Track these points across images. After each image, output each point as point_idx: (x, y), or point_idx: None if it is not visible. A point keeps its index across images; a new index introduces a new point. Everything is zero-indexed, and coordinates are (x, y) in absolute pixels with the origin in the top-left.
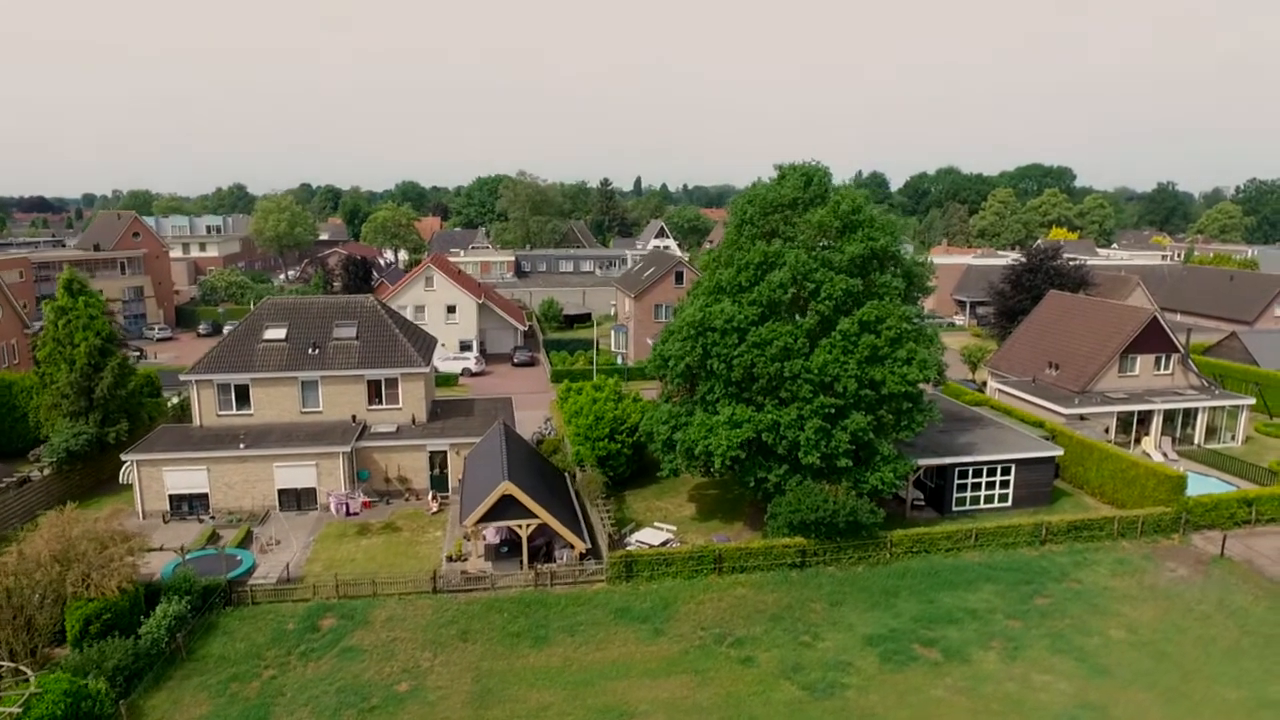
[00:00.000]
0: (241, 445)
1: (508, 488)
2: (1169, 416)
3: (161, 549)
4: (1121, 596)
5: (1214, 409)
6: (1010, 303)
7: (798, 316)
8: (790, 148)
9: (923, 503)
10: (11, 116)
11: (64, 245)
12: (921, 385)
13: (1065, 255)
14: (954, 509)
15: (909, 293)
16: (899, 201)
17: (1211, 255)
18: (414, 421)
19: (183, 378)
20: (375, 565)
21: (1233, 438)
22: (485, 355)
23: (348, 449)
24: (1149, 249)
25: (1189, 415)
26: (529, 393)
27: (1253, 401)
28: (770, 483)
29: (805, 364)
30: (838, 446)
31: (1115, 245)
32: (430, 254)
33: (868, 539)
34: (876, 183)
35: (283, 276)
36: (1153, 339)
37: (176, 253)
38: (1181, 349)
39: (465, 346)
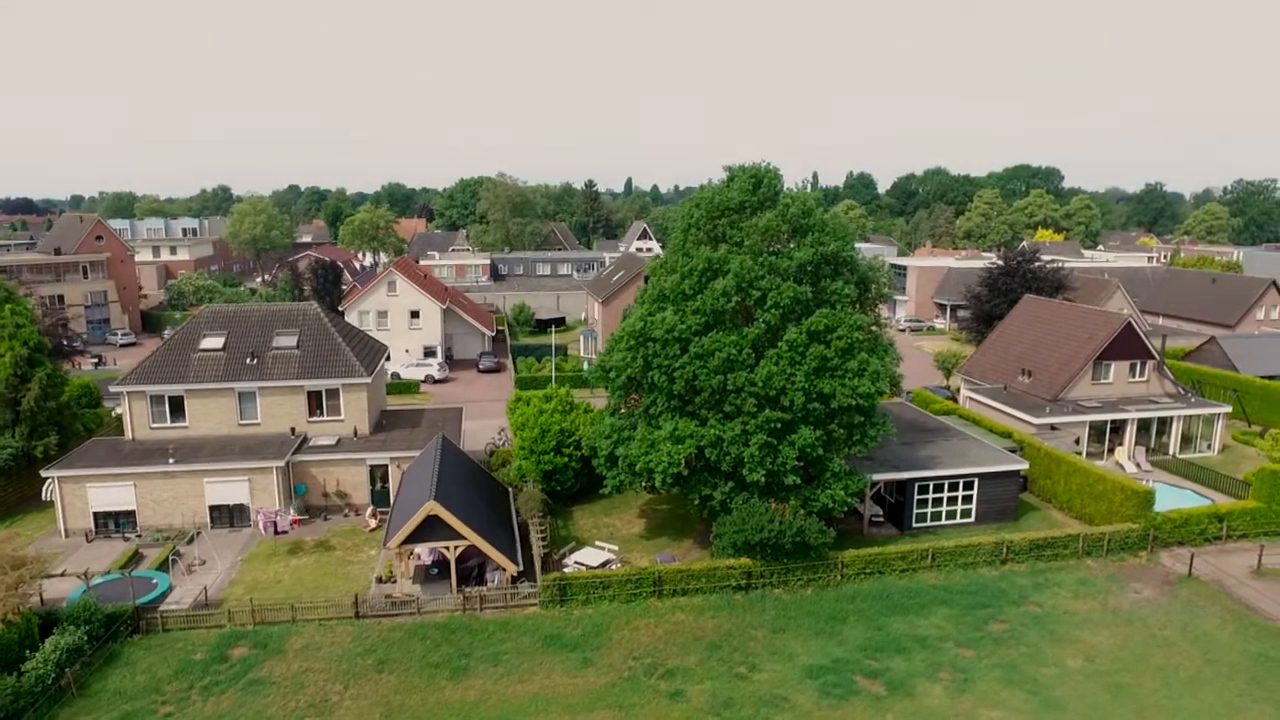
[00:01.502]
0: (171, 460)
1: (433, 508)
2: (1143, 426)
3: (64, 574)
4: (1082, 621)
5: (1190, 417)
6: (986, 306)
7: (746, 326)
8: (779, 147)
9: (881, 519)
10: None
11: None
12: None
13: (1046, 258)
14: (914, 525)
15: (865, 300)
16: (887, 203)
17: (1195, 257)
18: (356, 434)
19: (112, 388)
20: (302, 587)
21: (1209, 447)
22: (452, 361)
23: (282, 463)
24: (1135, 250)
25: (1164, 424)
26: (492, 400)
27: (1229, 409)
28: (716, 500)
29: (750, 376)
30: (785, 463)
31: (1101, 247)
32: (398, 258)
33: (817, 560)
34: (864, 184)
35: (259, 280)
36: (1127, 345)
37: (146, 256)
38: (1157, 355)
39: (430, 353)
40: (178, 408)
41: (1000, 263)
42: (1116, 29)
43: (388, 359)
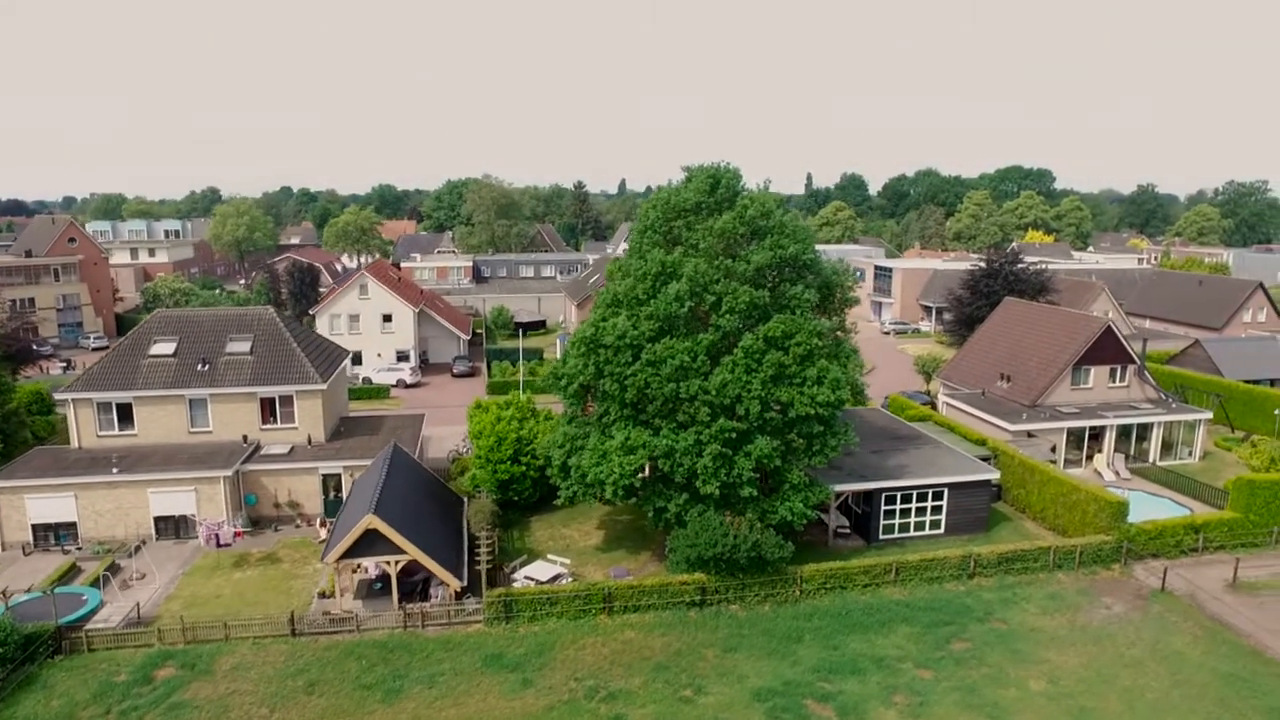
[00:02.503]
0: (114, 470)
1: (371, 522)
2: (1124, 432)
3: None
4: (1048, 639)
5: (1170, 423)
6: (968, 309)
7: (702, 332)
8: (774, 148)
9: (848, 530)
10: None
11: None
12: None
13: (1032, 259)
14: (881, 538)
15: (829, 305)
16: (878, 204)
17: (1184, 259)
18: (310, 442)
19: (58, 395)
20: (242, 603)
21: (1190, 454)
22: (427, 365)
23: (229, 472)
24: (1126, 252)
25: (1145, 430)
26: (462, 405)
27: (1210, 415)
28: (671, 513)
29: (704, 384)
30: (741, 474)
31: (1091, 248)
32: (373, 261)
33: (775, 575)
34: (855, 185)
35: (243, 282)
36: (1107, 349)
37: (124, 258)
38: (1138, 360)
39: (403, 357)
40: (126, 415)
41: (983, 264)
42: (1113, 29)
43: (356, 363)
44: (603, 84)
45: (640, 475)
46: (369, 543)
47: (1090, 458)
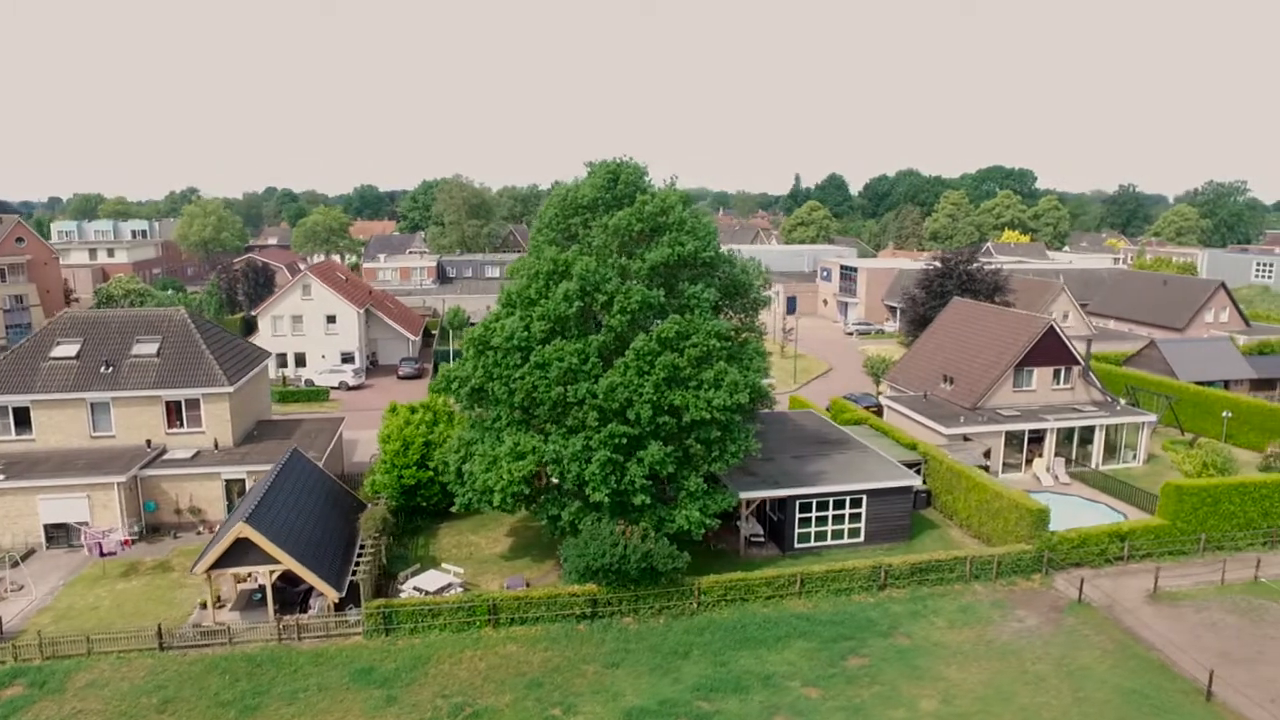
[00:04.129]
0: (1, 476)
1: (242, 530)
2: (1065, 435)
3: None
4: (951, 655)
5: (1114, 426)
6: (922, 310)
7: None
8: (760, 149)
9: (762, 539)
10: None
11: None
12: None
13: (1006, 259)
14: (797, 546)
15: (744, 305)
16: (859, 204)
17: (1153, 259)
18: (217, 446)
19: None
20: (120, 615)
21: (1134, 457)
22: (376, 367)
23: (123, 478)
24: (1104, 252)
25: (1087, 433)
26: None
27: (1154, 418)
28: (564, 521)
29: (591, 387)
30: (633, 481)
31: (1067, 248)
32: (320, 261)
33: (670, 586)
34: (835, 185)
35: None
36: (1050, 350)
37: (83, 258)
38: (1082, 361)
39: (347, 358)
40: (23, 419)
41: (938, 264)
42: (1102, 30)
43: (300, 365)
44: (588, 84)
45: (539, 482)
46: (242, 552)
47: (1030, 462)
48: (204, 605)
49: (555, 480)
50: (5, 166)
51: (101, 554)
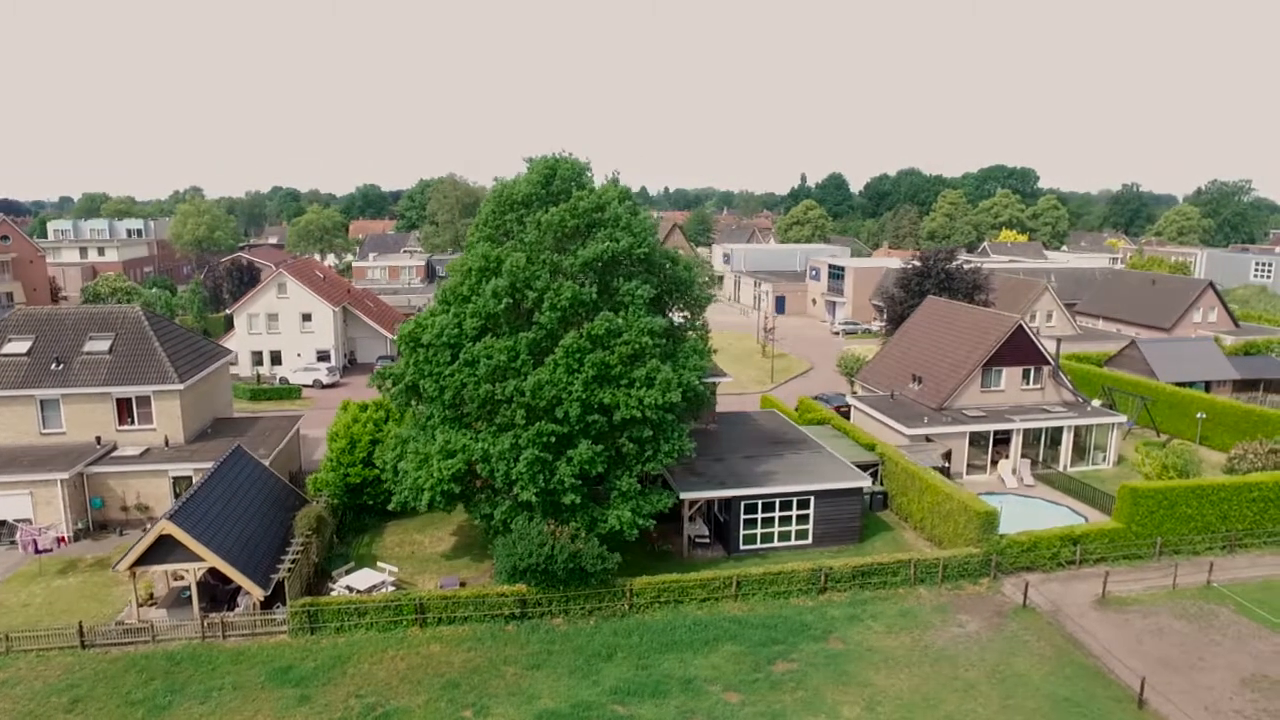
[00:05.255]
0: None
1: (165, 527)
2: (1033, 436)
3: None
4: (883, 660)
5: (1083, 427)
6: (900, 308)
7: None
8: (770, 147)
9: (707, 540)
10: None
11: None
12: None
13: (1001, 259)
14: (742, 548)
15: (688, 302)
16: (859, 204)
17: (1147, 258)
18: (167, 443)
19: None
20: (50, 612)
21: (1104, 459)
22: (354, 365)
23: (66, 475)
24: (1103, 251)
25: (1056, 435)
26: None
27: (1125, 419)
28: (497, 520)
29: (519, 385)
30: (562, 480)
31: (1065, 247)
32: (296, 259)
33: (602, 587)
34: (835, 184)
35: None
36: (1019, 350)
37: (74, 257)
38: (1052, 361)
39: (323, 356)
40: None
41: (917, 263)
42: (1109, 29)
43: (276, 363)
44: (595, 84)
45: (477, 481)
46: (166, 549)
47: (996, 463)
48: (139, 603)
49: (485, 478)
50: (20, 167)
51: (37, 551)
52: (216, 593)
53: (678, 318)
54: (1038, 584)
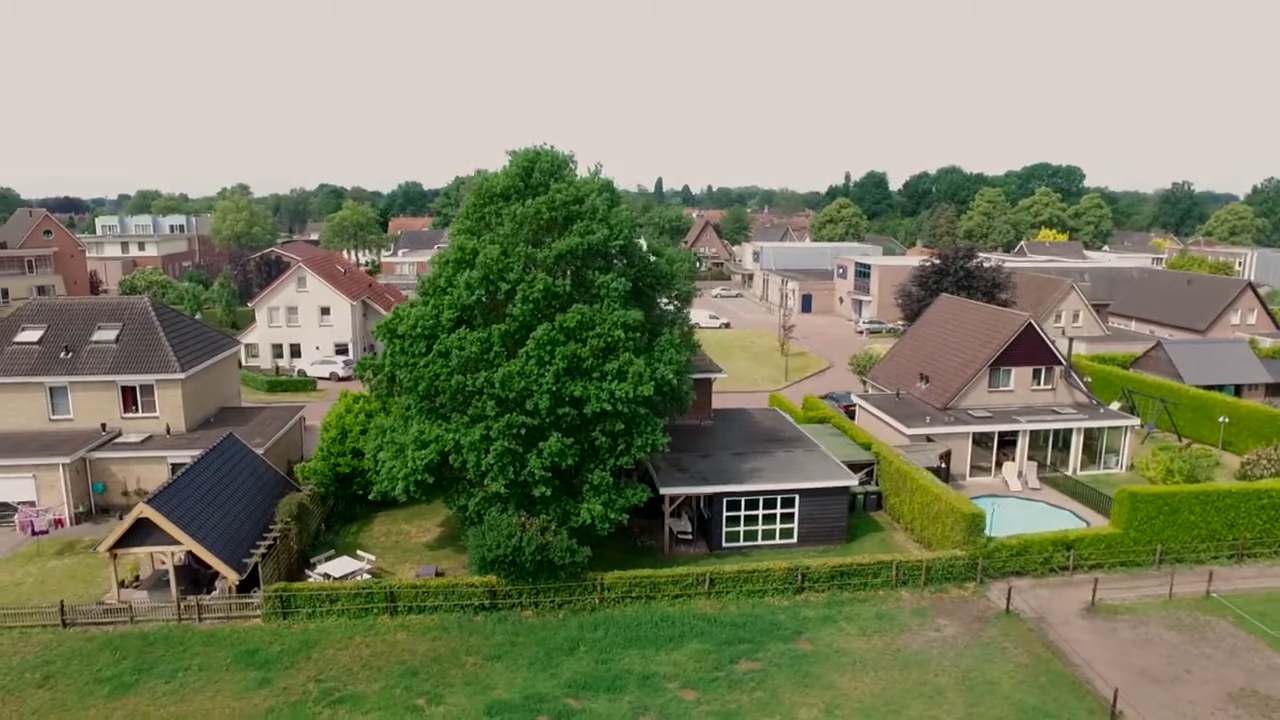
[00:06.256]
0: None
1: (143, 511)
2: (1041, 438)
3: None
4: (851, 663)
5: (1094, 430)
6: (917, 306)
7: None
8: (813, 145)
9: (690, 536)
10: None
11: None
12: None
13: (1040, 258)
14: (725, 545)
15: (677, 294)
16: (898, 202)
17: (1187, 258)
18: (169, 431)
19: None
20: (40, 591)
21: (1117, 463)
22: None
23: (68, 460)
24: (1146, 251)
25: (1065, 437)
26: None
27: (1137, 422)
28: (471, 511)
29: (489, 376)
30: (533, 473)
31: (1106, 247)
32: (317, 254)
33: (572, 581)
34: (874, 183)
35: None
36: (1029, 349)
37: (115, 251)
38: (1064, 361)
39: (341, 350)
40: None
41: (936, 260)
42: (1159, 25)
43: (295, 355)
44: (640, 83)
45: (458, 471)
46: (145, 532)
47: (1000, 465)
48: (122, 584)
49: (458, 469)
50: (85, 167)
51: (33, 532)
52: (199, 576)
53: (669, 307)
54: (1026, 589)
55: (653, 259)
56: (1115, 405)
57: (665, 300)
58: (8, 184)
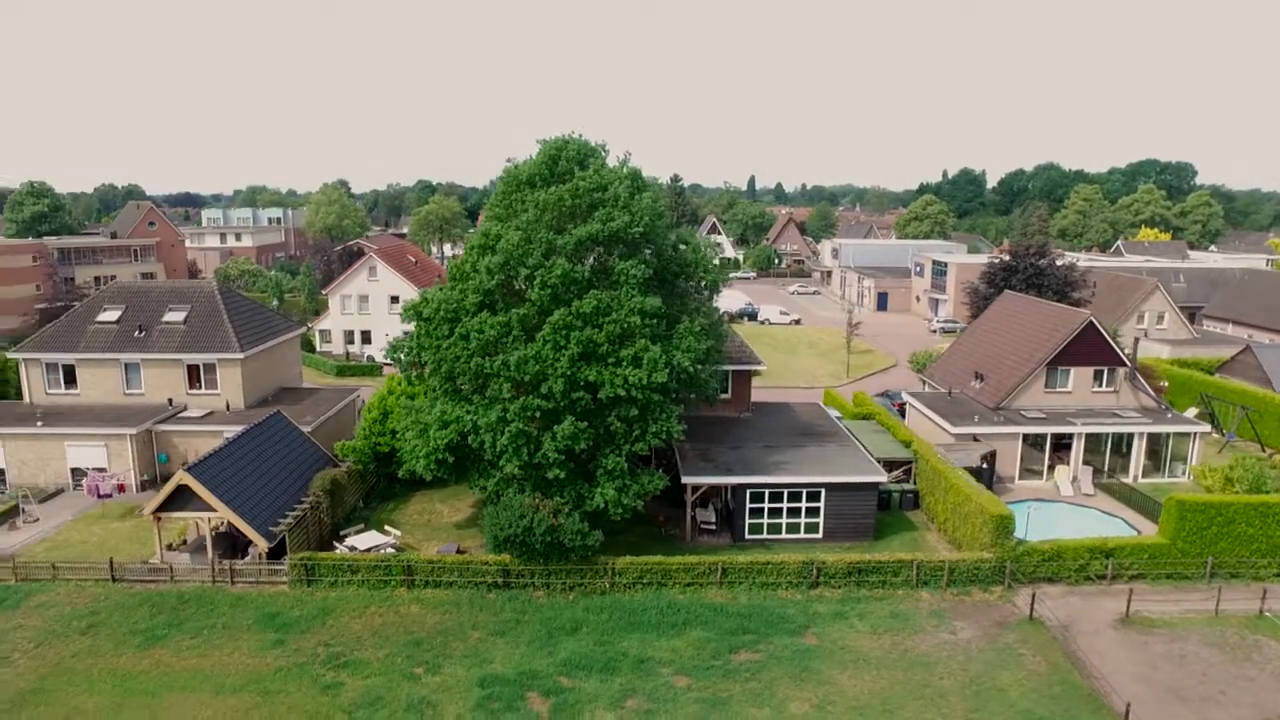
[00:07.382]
0: (38, 423)
1: (182, 478)
2: (1098, 442)
3: None
4: (854, 660)
5: (1158, 435)
6: (983, 304)
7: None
8: (914, 146)
9: (713, 527)
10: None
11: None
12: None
13: (1137, 258)
14: (748, 537)
15: (700, 286)
16: (991, 200)
17: None
18: (229, 407)
19: (9, 355)
20: (101, 550)
21: (1183, 471)
22: None
23: (134, 431)
24: (1261, 252)
25: (1125, 442)
26: None
27: (1206, 428)
28: (489, 491)
29: (505, 359)
30: (546, 455)
31: (1213, 247)
32: (391, 244)
33: (584, 564)
34: (969, 180)
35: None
36: (1090, 349)
37: (215, 242)
38: (1129, 363)
39: None
40: (71, 376)
41: (1006, 257)
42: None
43: (366, 342)
44: (741, 82)
45: (476, 452)
46: (184, 498)
47: (1053, 469)
48: (169, 547)
49: (477, 449)
50: (207, 163)
51: (99, 495)
52: (237, 542)
53: (699, 294)
54: (1057, 597)
55: (681, 247)
56: (1191, 412)
57: (692, 288)
58: (135, 180)
